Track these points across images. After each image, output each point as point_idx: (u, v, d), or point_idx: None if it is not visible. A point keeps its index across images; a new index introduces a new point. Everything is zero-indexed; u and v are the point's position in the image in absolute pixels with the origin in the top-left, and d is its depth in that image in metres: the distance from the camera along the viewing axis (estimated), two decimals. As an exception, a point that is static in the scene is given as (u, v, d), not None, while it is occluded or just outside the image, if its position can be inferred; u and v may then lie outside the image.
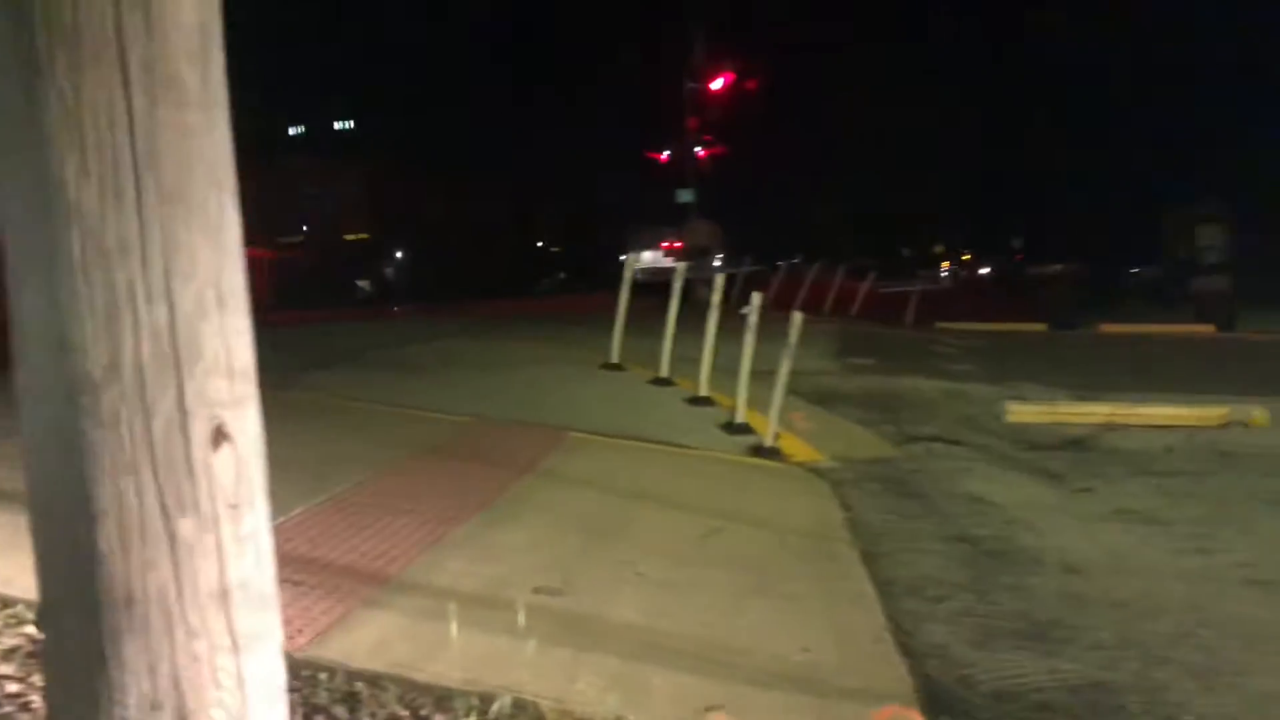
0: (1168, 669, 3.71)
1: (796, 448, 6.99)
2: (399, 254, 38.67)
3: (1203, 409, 8.12)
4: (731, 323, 15.57)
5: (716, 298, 7.98)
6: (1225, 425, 7.95)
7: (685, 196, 25.46)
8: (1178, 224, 29.95)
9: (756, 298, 7.20)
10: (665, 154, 27.91)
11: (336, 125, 56.44)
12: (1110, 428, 7.91)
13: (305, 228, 39.40)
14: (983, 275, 58.27)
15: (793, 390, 8.89)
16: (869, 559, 4.89)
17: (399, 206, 39.54)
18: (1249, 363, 12.76)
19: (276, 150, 41.37)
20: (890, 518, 5.58)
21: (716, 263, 23.46)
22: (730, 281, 25.78)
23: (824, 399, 8.70)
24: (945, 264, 69.29)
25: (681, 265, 9.69)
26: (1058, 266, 42.24)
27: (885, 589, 4.51)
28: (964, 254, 67.62)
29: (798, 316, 6.71)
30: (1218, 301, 21.87)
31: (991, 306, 25.11)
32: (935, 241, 74.03)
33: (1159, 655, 3.82)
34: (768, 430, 6.86)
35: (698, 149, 24.98)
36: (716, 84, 24.14)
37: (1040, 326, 18.96)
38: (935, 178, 60.54)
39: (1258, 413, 8.02)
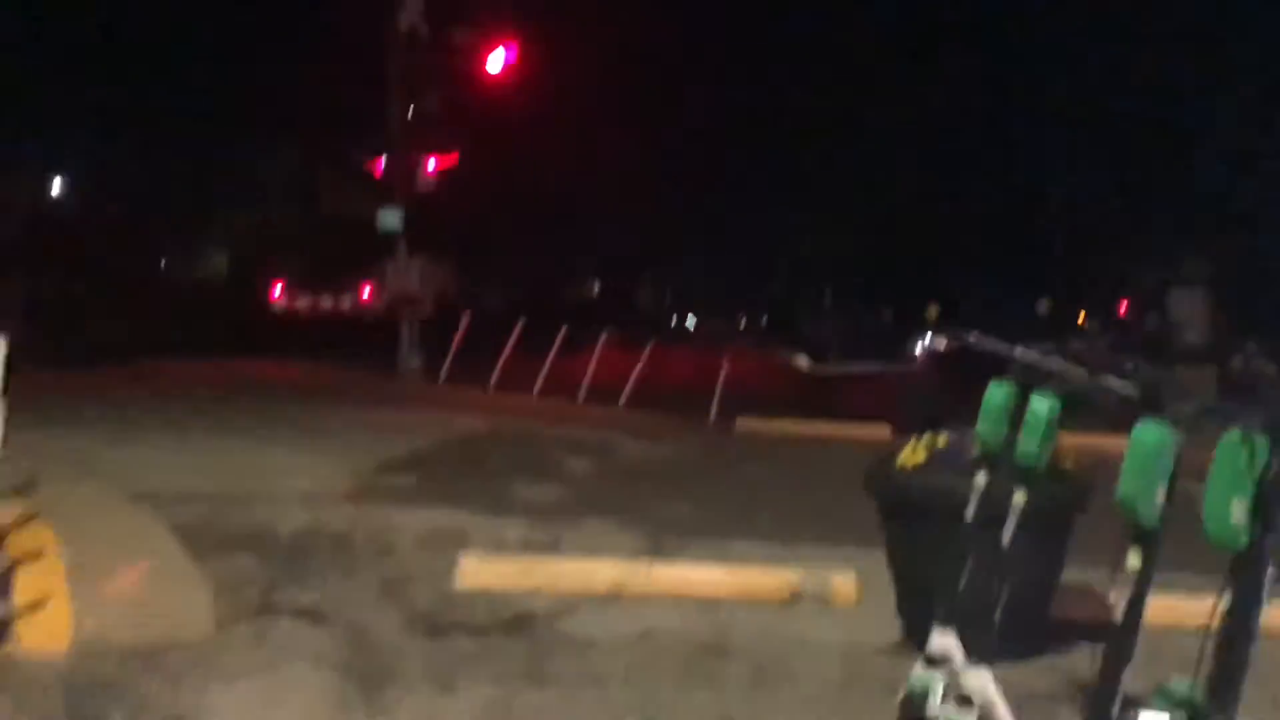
0: None
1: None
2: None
3: (758, 573, 5.46)
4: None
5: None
6: (793, 601, 5.32)
7: (389, 222, 17.84)
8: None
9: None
10: (380, 161, 19.79)
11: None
12: (613, 600, 5.18)
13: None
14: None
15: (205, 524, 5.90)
16: None
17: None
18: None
19: None
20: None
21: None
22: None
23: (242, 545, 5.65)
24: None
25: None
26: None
27: None
28: None
29: None
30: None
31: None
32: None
33: None
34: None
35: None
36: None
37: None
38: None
39: (840, 581, 5.40)
